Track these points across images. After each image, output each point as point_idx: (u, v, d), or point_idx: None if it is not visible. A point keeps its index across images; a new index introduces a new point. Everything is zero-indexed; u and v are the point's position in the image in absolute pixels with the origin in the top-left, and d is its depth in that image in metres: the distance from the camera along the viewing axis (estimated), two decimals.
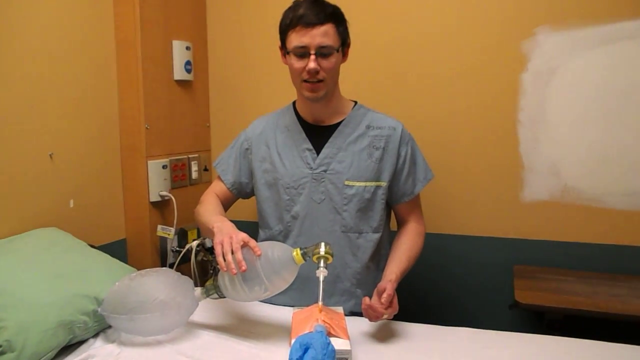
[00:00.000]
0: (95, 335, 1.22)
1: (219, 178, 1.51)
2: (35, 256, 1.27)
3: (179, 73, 1.97)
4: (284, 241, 1.40)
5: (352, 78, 2.00)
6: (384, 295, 1.17)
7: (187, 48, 2.00)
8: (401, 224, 1.48)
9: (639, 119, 1.69)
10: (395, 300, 1.20)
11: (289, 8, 1.32)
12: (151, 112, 1.84)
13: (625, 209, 1.73)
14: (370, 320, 1.20)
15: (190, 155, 2.07)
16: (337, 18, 1.31)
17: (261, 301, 1.38)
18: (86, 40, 1.67)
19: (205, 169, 2.18)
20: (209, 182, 2.20)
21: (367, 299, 1.19)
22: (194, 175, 2.09)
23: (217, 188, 1.51)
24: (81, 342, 1.19)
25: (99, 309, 1.18)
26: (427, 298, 1.98)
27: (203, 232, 1.40)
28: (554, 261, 1.82)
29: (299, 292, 1.35)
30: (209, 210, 1.37)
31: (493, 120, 1.84)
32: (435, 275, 1.97)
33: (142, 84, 1.79)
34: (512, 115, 1.82)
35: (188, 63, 2.00)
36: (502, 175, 1.85)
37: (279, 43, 1.37)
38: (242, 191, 1.50)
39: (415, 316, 1.34)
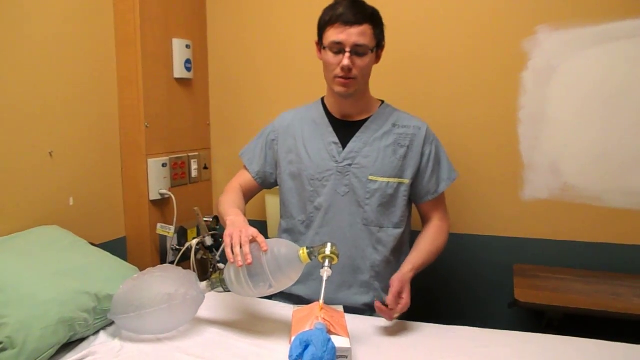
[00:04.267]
0: (96, 333, 1.22)
1: (245, 168, 1.54)
2: (35, 254, 1.27)
3: (179, 71, 1.97)
4: (306, 231, 1.44)
5: None
6: (389, 296, 1.22)
7: (187, 46, 2.00)
8: (425, 222, 1.52)
9: (639, 117, 1.69)
10: (406, 295, 1.24)
11: (329, 6, 1.36)
12: (151, 110, 1.84)
13: (625, 207, 1.73)
14: (388, 319, 1.25)
15: (190, 154, 2.07)
16: (375, 20, 1.35)
17: (262, 298, 1.39)
18: (86, 38, 1.66)
19: (205, 167, 2.18)
20: (208, 181, 2.21)
21: (378, 302, 1.23)
22: (194, 173, 2.09)
23: (242, 178, 1.54)
24: (82, 339, 1.19)
25: (108, 315, 1.18)
26: (427, 296, 1.97)
27: (222, 221, 1.42)
28: (554, 260, 1.82)
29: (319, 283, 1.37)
30: (229, 201, 1.40)
31: (493, 118, 1.84)
32: (435, 274, 1.96)
33: (142, 82, 1.79)
34: (512, 113, 1.82)
35: (188, 61, 2.00)
36: (502, 174, 1.86)
37: (315, 38, 1.41)
38: (266, 181, 1.53)
39: (415, 314, 1.34)
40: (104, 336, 1.21)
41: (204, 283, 1.21)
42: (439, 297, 1.97)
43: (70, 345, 1.16)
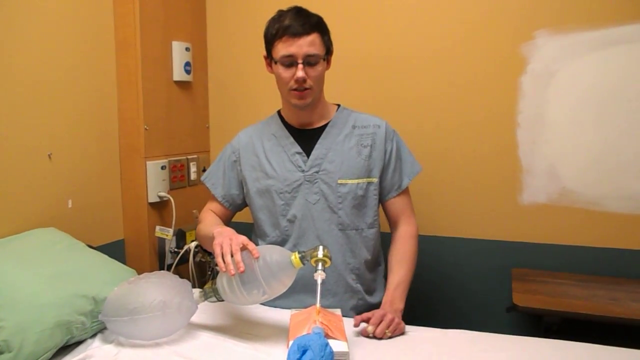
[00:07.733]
0: (93, 336, 1.22)
1: (211, 195, 1.53)
2: (33, 256, 1.27)
3: (179, 74, 1.97)
4: (282, 246, 1.40)
5: (344, 83, 2.00)
6: (373, 318, 1.22)
7: (187, 49, 2.00)
8: (393, 226, 1.49)
9: (638, 122, 1.69)
10: (388, 317, 1.23)
11: (273, 18, 1.35)
12: (150, 113, 1.84)
13: (623, 212, 1.73)
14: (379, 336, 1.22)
15: (189, 156, 2.07)
16: (321, 28, 1.35)
17: (262, 303, 1.38)
18: (86, 40, 1.67)
19: (204, 170, 2.17)
20: None
21: (362, 324, 1.22)
22: (193, 176, 2.09)
23: (212, 205, 1.52)
24: (79, 343, 1.19)
25: (100, 316, 1.18)
26: (425, 300, 1.98)
27: (206, 246, 1.40)
28: (552, 264, 1.82)
29: (304, 294, 1.36)
30: (208, 224, 1.39)
31: (492, 123, 1.85)
32: (433, 278, 1.97)
33: (141, 84, 1.79)
34: (511, 118, 1.82)
35: (187, 64, 2.01)
36: (500, 178, 1.86)
37: (264, 52, 1.40)
38: (233, 203, 1.51)
39: (413, 318, 1.34)
40: (101, 339, 1.20)
41: (197, 293, 1.20)
42: (437, 301, 1.97)
43: (67, 348, 1.16)
